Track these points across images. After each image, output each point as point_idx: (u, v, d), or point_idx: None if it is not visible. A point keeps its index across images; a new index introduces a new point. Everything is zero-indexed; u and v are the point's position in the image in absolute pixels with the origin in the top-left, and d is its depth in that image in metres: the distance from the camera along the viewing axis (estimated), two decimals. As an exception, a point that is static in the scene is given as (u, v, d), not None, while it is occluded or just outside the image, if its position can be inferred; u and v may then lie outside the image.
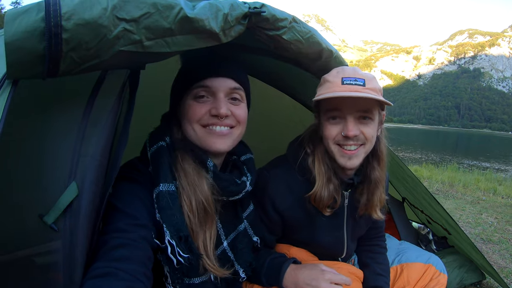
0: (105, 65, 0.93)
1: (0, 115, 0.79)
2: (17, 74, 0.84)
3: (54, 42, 0.79)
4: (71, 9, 0.81)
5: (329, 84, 1.41)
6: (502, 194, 6.70)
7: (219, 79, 1.26)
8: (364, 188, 1.59)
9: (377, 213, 1.62)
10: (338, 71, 1.45)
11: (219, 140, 1.27)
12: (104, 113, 1.01)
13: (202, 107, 1.25)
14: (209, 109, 1.25)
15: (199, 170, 1.24)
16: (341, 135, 1.42)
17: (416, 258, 1.94)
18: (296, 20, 1.29)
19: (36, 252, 0.91)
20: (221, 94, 1.27)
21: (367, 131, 1.43)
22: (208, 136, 1.26)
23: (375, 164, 1.57)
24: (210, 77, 1.25)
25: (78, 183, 0.91)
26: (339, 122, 1.43)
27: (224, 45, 1.13)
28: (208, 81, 1.25)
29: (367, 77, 1.41)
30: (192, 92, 1.26)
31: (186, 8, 0.97)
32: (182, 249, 1.10)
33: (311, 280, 1.41)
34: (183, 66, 1.34)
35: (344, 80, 1.38)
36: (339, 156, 1.45)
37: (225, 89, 1.27)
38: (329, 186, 1.49)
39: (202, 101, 1.26)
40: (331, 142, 1.45)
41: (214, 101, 1.26)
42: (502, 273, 3.01)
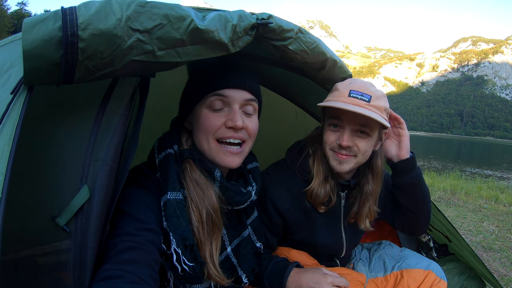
0: (118, 74, 0.96)
1: (17, 120, 0.82)
2: (33, 81, 0.87)
3: (70, 51, 0.82)
4: (87, 19, 0.84)
5: (338, 93, 1.49)
6: (504, 202, 6.67)
7: (236, 90, 1.27)
8: (357, 198, 1.67)
9: (365, 224, 1.69)
10: (351, 82, 1.52)
11: (231, 158, 1.29)
12: (115, 119, 1.04)
13: (218, 118, 1.25)
14: (224, 121, 1.25)
15: (207, 180, 1.25)
16: (336, 143, 1.51)
17: (416, 264, 1.94)
18: (302, 31, 1.32)
19: (45, 251, 0.93)
20: (236, 105, 1.27)
21: (362, 145, 1.51)
22: (221, 153, 1.27)
23: (369, 178, 1.65)
24: (228, 88, 1.25)
25: (89, 186, 0.94)
26: (338, 130, 1.52)
27: (231, 54, 1.16)
28: (225, 91, 1.25)
29: (375, 95, 1.47)
30: (207, 101, 1.26)
31: (196, 20, 1.00)
32: (188, 258, 1.12)
33: (314, 283, 1.44)
34: (197, 73, 1.33)
35: (351, 93, 1.46)
36: (332, 159, 1.54)
37: (240, 100, 1.28)
38: (326, 185, 1.58)
39: (217, 111, 1.26)
40: (327, 146, 1.55)
41: (230, 112, 1.26)
42: (503, 281, 3.01)
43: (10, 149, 0.79)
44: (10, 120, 0.83)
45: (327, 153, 1.56)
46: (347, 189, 1.69)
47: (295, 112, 2.40)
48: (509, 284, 3.00)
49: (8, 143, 0.79)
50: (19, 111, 0.84)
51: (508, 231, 4.52)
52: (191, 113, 1.32)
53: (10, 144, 0.79)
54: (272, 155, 2.00)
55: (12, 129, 0.81)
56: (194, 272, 1.14)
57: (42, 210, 0.91)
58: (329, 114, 1.54)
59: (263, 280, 1.55)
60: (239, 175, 1.47)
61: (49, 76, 0.86)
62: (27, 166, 0.91)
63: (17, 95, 0.85)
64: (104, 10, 0.86)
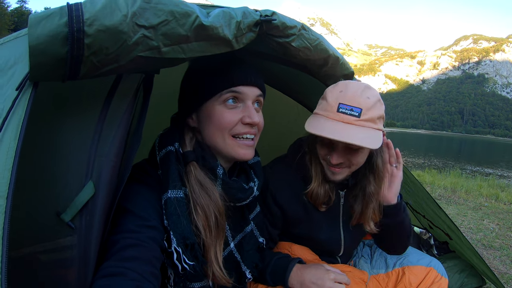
0: (123, 69, 0.96)
1: (23, 116, 0.82)
2: (39, 77, 0.87)
3: (76, 46, 0.82)
4: (93, 15, 0.84)
5: (327, 105, 1.41)
6: (505, 200, 6.66)
7: (249, 87, 1.28)
8: (359, 199, 1.63)
9: (370, 226, 1.64)
10: (341, 90, 1.42)
11: (247, 150, 1.30)
12: (119, 115, 1.04)
13: (234, 114, 1.26)
14: (240, 117, 1.26)
15: (211, 182, 1.25)
16: (328, 158, 1.49)
17: (418, 261, 1.95)
18: (305, 28, 1.32)
19: (48, 248, 0.93)
20: (250, 101, 1.29)
21: (355, 159, 1.47)
22: (237, 147, 1.28)
23: (371, 179, 1.59)
24: (242, 85, 1.26)
25: (94, 182, 0.94)
26: (329, 146, 1.48)
27: (235, 50, 1.16)
28: (240, 88, 1.26)
29: (367, 105, 1.37)
30: (221, 97, 1.25)
31: (201, 16, 1.00)
32: (188, 256, 1.11)
33: (317, 279, 1.45)
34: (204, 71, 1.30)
35: (340, 107, 1.37)
36: (326, 169, 1.54)
37: (253, 97, 1.30)
38: (325, 185, 1.58)
39: (232, 107, 1.26)
40: (320, 157, 1.54)
41: (244, 108, 1.28)
42: (503, 279, 3.01)
43: (16, 146, 0.79)
44: (16, 116, 0.83)
45: (321, 161, 1.55)
46: (345, 188, 1.69)
47: (297, 109, 2.40)
48: (509, 282, 3.01)
49: (14, 139, 0.80)
50: (25, 107, 0.84)
51: (509, 229, 4.52)
52: (199, 110, 1.30)
53: (16, 140, 0.80)
54: (273, 152, 2.01)
55: (18, 125, 0.82)
56: (195, 271, 1.14)
57: (47, 206, 0.92)
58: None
59: (266, 276, 1.56)
60: (241, 171, 1.47)
61: (55, 71, 0.86)
62: (32, 162, 0.91)
63: (22, 92, 0.86)
64: (110, 6, 0.86)
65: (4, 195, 0.74)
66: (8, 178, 0.76)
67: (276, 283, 1.56)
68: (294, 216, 1.67)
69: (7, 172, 0.76)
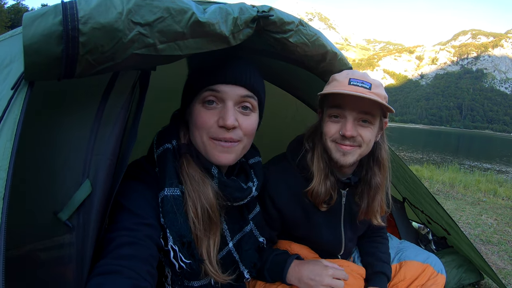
0: (119, 67, 0.95)
1: (18, 116, 0.82)
2: (34, 76, 0.86)
3: (71, 45, 0.81)
4: (87, 13, 0.83)
5: (337, 83, 1.45)
6: (503, 195, 6.69)
7: (230, 86, 1.21)
8: (365, 193, 1.64)
9: (377, 219, 1.66)
10: (348, 73, 1.49)
11: (223, 154, 1.23)
12: (116, 112, 1.03)
13: (210, 116, 1.21)
14: (217, 119, 1.20)
15: (204, 176, 1.23)
16: (339, 134, 1.47)
17: (415, 257, 1.96)
18: (303, 23, 1.31)
19: (46, 246, 0.93)
20: (230, 102, 1.21)
21: (365, 134, 1.47)
22: (213, 149, 1.22)
23: (376, 170, 1.61)
24: (221, 83, 1.20)
25: (91, 181, 0.94)
26: (339, 121, 1.48)
27: (231, 47, 1.15)
28: (219, 86, 1.20)
29: (374, 83, 1.44)
30: (201, 96, 1.21)
31: (197, 12, 0.99)
32: (185, 255, 1.10)
33: (315, 275, 1.45)
34: (195, 67, 1.29)
35: (351, 81, 1.42)
36: (335, 151, 1.50)
37: (235, 97, 1.22)
38: (326, 182, 1.54)
39: (210, 108, 1.21)
40: (329, 139, 1.50)
41: (222, 109, 1.21)
42: (501, 274, 3.03)
43: (12, 146, 0.78)
44: (12, 116, 0.82)
45: (328, 146, 1.51)
46: (348, 187, 1.67)
47: (296, 105, 2.40)
48: (507, 277, 3.03)
49: (10, 139, 0.79)
50: (20, 106, 0.83)
51: (507, 225, 4.54)
52: (189, 108, 1.28)
53: (12, 141, 0.79)
54: (272, 149, 2.00)
55: (14, 125, 0.81)
56: (192, 269, 1.13)
57: (44, 205, 0.91)
58: (330, 104, 1.49)
59: (264, 273, 1.57)
60: (241, 170, 1.46)
61: (50, 71, 0.85)
62: (29, 161, 0.91)
63: (17, 91, 0.85)
64: (104, 3, 0.85)
65: (0, 196, 0.74)
66: (4, 179, 0.75)
67: (274, 280, 1.56)
68: (293, 219, 1.65)
69: (3, 172, 0.75)
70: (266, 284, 1.59)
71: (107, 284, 0.89)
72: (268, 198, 1.61)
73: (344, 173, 1.63)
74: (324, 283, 1.42)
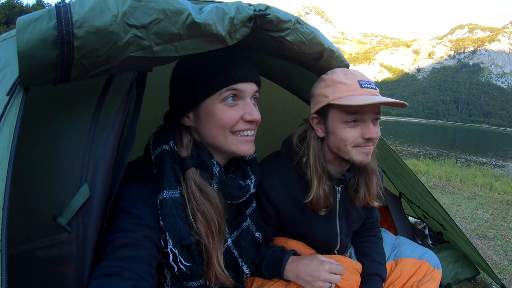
0: (115, 70, 0.94)
1: (15, 123, 0.80)
2: (30, 81, 0.85)
3: (66, 49, 0.80)
4: (82, 16, 0.81)
5: (346, 86, 1.43)
6: (499, 190, 6.74)
7: (248, 83, 1.26)
8: (362, 181, 1.66)
9: (376, 201, 1.69)
10: (345, 73, 1.48)
11: (249, 145, 1.29)
12: (113, 114, 1.02)
13: (235, 112, 1.24)
14: (241, 114, 1.25)
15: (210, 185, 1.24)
16: (361, 138, 1.45)
17: (411, 254, 1.98)
18: (300, 22, 1.30)
19: (45, 245, 0.93)
20: (249, 98, 1.28)
21: (378, 131, 1.50)
22: (239, 143, 1.27)
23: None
24: (242, 81, 1.24)
25: (89, 184, 0.93)
26: (358, 125, 1.46)
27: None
28: (239, 85, 1.23)
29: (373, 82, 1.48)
30: (220, 95, 1.22)
31: (194, 13, 0.98)
32: (185, 258, 1.10)
33: (312, 270, 1.46)
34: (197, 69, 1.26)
35: (362, 84, 1.43)
36: (358, 155, 1.48)
37: (251, 93, 1.28)
38: (324, 188, 1.54)
39: (233, 105, 1.24)
40: (350, 145, 1.47)
41: (244, 105, 1.26)
42: (496, 269, 3.06)
43: (10, 154, 0.77)
44: (8, 123, 0.81)
45: (348, 151, 1.48)
46: (342, 183, 1.68)
47: (292, 100, 2.39)
48: (502, 272, 3.06)
49: (7, 148, 0.78)
50: (16, 113, 0.82)
51: (503, 219, 4.58)
52: (197, 109, 1.26)
53: (9, 149, 0.77)
54: (268, 144, 2.00)
55: (10, 132, 0.80)
56: (191, 272, 1.14)
57: (43, 210, 0.91)
58: (347, 111, 1.45)
59: (262, 269, 1.58)
60: (237, 167, 1.46)
61: (46, 76, 0.84)
62: (26, 166, 0.90)
63: (13, 97, 0.83)
64: (99, 6, 0.84)
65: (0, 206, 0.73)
66: (3, 189, 0.74)
67: (272, 276, 1.57)
68: (289, 217, 1.66)
69: (2, 182, 0.74)
70: (264, 280, 1.61)
71: (107, 286, 0.89)
72: (264, 196, 1.62)
73: (339, 171, 1.63)
74: (321, 278, 1.43)
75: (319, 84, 1.52)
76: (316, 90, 1.53)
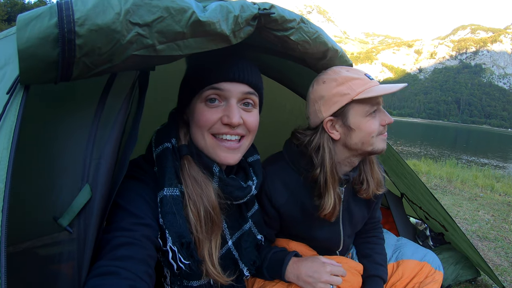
0: (117, 69, 0.92)
1: (15, 122, 0.79)
2: (30, 80, 0.84)
3: (67, 48, 0.79)
4: (84, 14, 0.80)
5: (361, 81, 1.47)
6: (500, 191, 6.72)
7: (234, 83, 1.21)
8: (367, 171, 1.68)
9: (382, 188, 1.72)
10: (348, 70, 1.51)
11: (229, 154, 1.24)
12: (114, 114, 1.01)
13: (213, 113, 1.21)
14: (220, 116, 1.21)
15: (206, 177, 1.22)
16: (381, 126, 1.52)
17: (412, 255, 1.98)
18: (304, 21, 1.29)
19: (44, 243, 0.92)
20: (234, 100, 1.22)
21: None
22: (217, 148, 1.23)
23: None
24: (224, 81, 1.20)
25: (90, 185, 0.92)
26: (376, 115, 1.51)
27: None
28: (222, 85, 1.20)
29: None
30: (202, 94, 1.21)
31: (198, 11, 0.96)
32: (184, 255, 1.09)
33: (313, 272, 1.45)
34: (195, 65, 1.28)
35: (369, 76, 1.50)
36: (380, 143, 1.54)
37: (237, 94, 1.22)
38: (336, 197, 1.54)
39: (213, 106, 1.21)
40: (374, 135, 1.51)
41: (227, 107, 1.21)
42: (497, 271, 3.05)
43: (9, 154, 0.75)
44: (7, 123, 0.79)
45: (373, 142, 1.51)
46: (346, 183, 1.67)
47: (294, 99, 2.38)
48: (503, 274, 3.05)
49: (7, 148, 0.76)
50: (16, 112, 0.80)
51: (503, 221, 4.57)
52: (189, 106, 1.27)
53: (9, 149, 0.76)
54: (269, 143, 1.99)
55: (10, 132, 0.78)
56: (191, 270, 1.13)
57: (44, 211, 0.89)
58: (371, 103, 1.47)
59: (263, 271, 1.57)
60: (240, 168, 1.45)
61: (46, 74, 0.82)
62: (26, 167, 0.89)
63: (13, 95, 0.82)
64: (102, 3, 0.82)
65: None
66: (2, 190, 0.72)
67: (273, 277, 1.57)
68: (291, 218, 1.65)
69: (1, 183, 0.73)
70: (265, 281, 1.60)
71: (105, 285, 0.89)
72: (266, 198, 1.61)
73: (345, 172, 1.63)
74: (322, 279, 1.43)
75: (329, 85, 1.49)
76: (325, 91, 1.49)
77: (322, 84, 1.51)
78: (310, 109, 1.58)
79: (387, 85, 1.46)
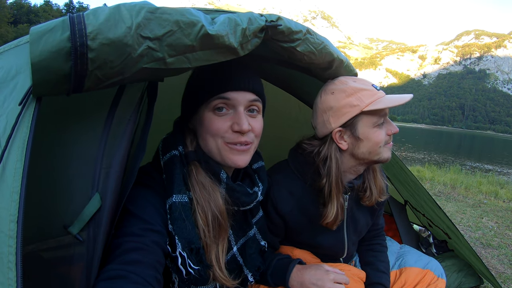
0: (127, 81, 0.94)
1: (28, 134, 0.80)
2: (43, 92, 0.85)
3: (80, 61, 0.80)
4: (96, 28, 0.81)
5: (369, 92, 1.48)
6: (504, 198, 6.66)
7: (240, 92, 1.23)
8: (370, 179, 1.69)
9: (385, 195, 1.74)
10: (355, 80, 1.53)
11: (240, 156, 1.26)
12: (124, 124, 1.03)
13: (223, 122, 1.23)
14: (230, 124, 1.23)
15: (213, 183, 1.24)
16: (387, 136, 1.54)
17: (415, 263, 1.98)
18: (310, 32, 1.30)
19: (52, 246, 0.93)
20: (241, 108, 1.24)
21: None
22: (229, 153, 1.25)
23: None
24: (232, 91, 1.22)
25: (100, 193, 0.93)
26: (383, 125, 1.53)
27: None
28: (229, 94, 1.22)
29: None
30: (210, 103, 1.23)
31: (206, 25, 0.98)
32: (193, 261, 1.11)
33: (317, 280, 1.46)
34: (200, 75, 1.30)
35: (375, 87, 1.52)
36: (386, 153, 1.56)
37: (245, 102, 1.25)
38: (338, 206, 1.55)
39: (221, 114, 1.23)
40: (382, 144, 1.53)
41: (235, 115, 1.24)
42: (500, 279, 3.03)
43: (23, 166, 0.77)
44: (20, 134, 0.81)
45: (380, 151, 1.53)
46: (350, 191, 1.68)
47: (298, 107, 2.39)
48: (506, 282, 3.03)
49: (21, 159, 0.77)
50: (29, 124, 0.82)
51: (507, 228, 4.53)
52: (195, 115, 1.29)
53: (22, 161, 0.77)
54: (274, 150, 2.00)
55: (24, 144, 0.79)
56: (200, 275, 1.15)
57: (54, 219, 0.91)
58: (380, 114, 1.50)
59: (267, 277, 1.58)
60: (245, 175, 1.47)
61: (59, 86, 0.84)
62: (37, 176, 0.90)
63: (25, 107, 0.83)
64: (113, 17, 0.84)
65: (14, 219, 0.73)
66: (17, 202, 0.74)
67: (277, 284, 1.57)
68: (297, 226, 1.66)
69: (16, 195, 0.74)
70: (269, 288, 1.60)
71: None
72: (271, 206, 1.62)
73: (349, 180, 1.64)
74: (325, 287, 1.43)
75: (338, 95, 1.50)
76: (334, 102, 1.51)
77: (331, 95, 1.52)
78: (318, 119, 1.59)
79: (394, 96, 1.47)
